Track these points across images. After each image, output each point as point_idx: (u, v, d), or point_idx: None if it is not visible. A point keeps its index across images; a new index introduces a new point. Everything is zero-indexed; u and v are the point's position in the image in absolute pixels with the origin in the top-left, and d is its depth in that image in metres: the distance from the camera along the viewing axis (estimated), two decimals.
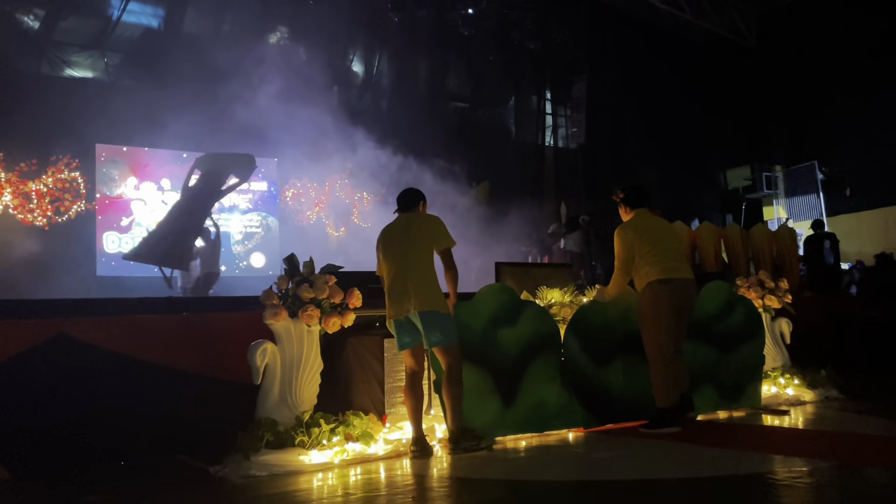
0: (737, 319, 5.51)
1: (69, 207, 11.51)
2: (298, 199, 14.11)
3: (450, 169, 13.19)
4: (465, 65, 16.74)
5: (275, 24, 14.12)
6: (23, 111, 10.42)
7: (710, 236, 7.80)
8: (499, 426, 4.50)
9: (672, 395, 4.62)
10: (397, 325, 4.19)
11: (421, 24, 15.32)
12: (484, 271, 6.42)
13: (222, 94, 11.16)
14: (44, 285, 10.23)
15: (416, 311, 4.08)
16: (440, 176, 13.20)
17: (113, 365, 4.24)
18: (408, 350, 4.20)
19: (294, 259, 4.32)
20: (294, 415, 4.03)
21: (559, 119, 18.33)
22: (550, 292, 5.20)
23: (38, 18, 12.09)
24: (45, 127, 10.84)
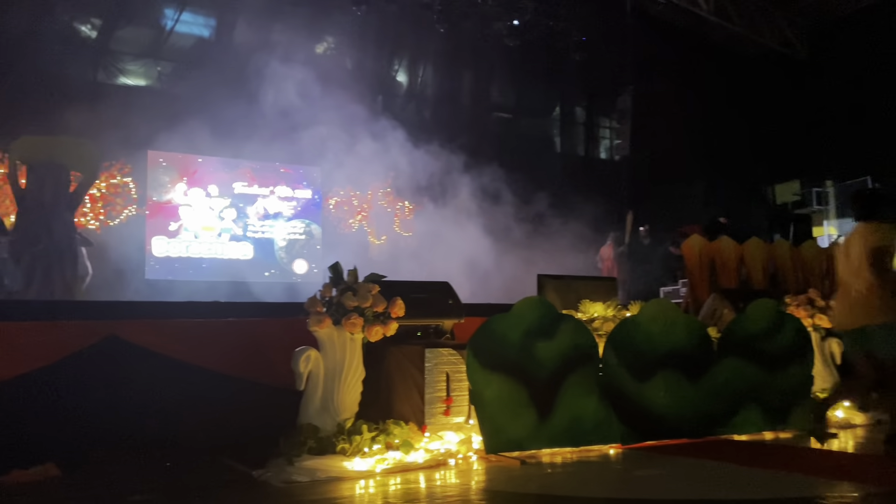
0: (785, 338, 5.39)
1: (120, 212, 11.84)
2: (341, 208, 14.27)
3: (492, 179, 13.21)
4: (509, 75, 16.75)
5: (322, 35, 14.34)
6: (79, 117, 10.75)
7: (758, 252, 7.64)
8: (534, 439, 4.47)
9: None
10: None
11: (466, 35, 15.39)
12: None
13: (269, 103, 11.38)
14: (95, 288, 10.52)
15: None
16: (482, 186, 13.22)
17: (161, 367, 4.35)
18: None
19: (338, 267, 4.37)
20: (336, 421, 4.08)
21: (603, 131, 18.20)
22: (593, 306, 5.16)
23: (95, 28, 12.49)
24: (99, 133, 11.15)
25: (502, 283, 11.71)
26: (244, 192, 13.26)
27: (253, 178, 13.37)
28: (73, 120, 10.57)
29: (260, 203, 13.41)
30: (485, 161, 13.31)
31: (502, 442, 4.35)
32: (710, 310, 6.16)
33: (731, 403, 5.04)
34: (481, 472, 4.05)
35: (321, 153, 12.67)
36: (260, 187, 13.43)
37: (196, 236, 12.68)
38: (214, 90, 11.70)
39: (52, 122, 10.23)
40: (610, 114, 17.89)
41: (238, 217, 13.13)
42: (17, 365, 4.04)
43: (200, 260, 12.57)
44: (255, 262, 13.18)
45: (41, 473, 3.80)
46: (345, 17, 14.01)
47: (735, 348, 5.15)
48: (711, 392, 4.98)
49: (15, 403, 4.00)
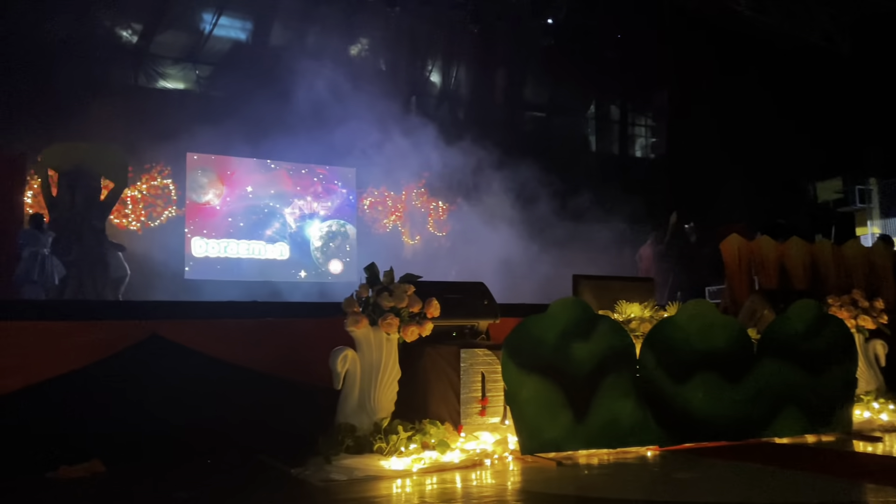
0: (827, 340, 5.28)
1: (161, 213, 12.09)
2: (375, 208, 14.36)
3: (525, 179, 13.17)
4: (543, 74, 16.68)
5: (356, 36, 14.46)
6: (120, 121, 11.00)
7: (799, 252, 7.49)
8: (570, 441, 4.45)
9: None
10: None
11: (499, 35, 15.37)
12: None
13: (305, 104, 11.51)
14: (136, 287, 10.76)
15: None
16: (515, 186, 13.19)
17: (202, 366, 4.44)
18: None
19: (374, 268, 4.41)
20: (372, 421, 4.11)
21: (638, 129, 18.01)
22: (629, 306, 5.12)
23: (136, 33, 12.77)
24: (140, 136, 11.40)
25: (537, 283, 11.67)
26: (280, 192, 13.43)
27: (289, 178, 13.54)
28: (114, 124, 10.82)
29: (296, 203, 13.56)
30: (518, 160, 13.28)
31: (538, 443, 4.34)
32: (749, 310, 6.06)
33: (771, 405, 4.96)
34: (517, 472, 4.05)
35: (355, 154, 12.79)
36: (296, 188, 13.59)
37: (233, 237, 12.88)
38: (251, 92, 11.89)
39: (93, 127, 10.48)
40: (645, 112, 17.71)
41: (274, 218, 13.30)
42: (63, 363, 4.15)
43: (238, 260, 12.77)
44: (291, 262, 13.34)
45: (87, 469, 3.90)
46: (378, 19, 14.11)
47: (776, 350, 5.05)
48: (751, 394, 4.90)
49: (61, 401, 4.11)
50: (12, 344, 4.11)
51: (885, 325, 5.85)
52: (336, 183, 14.10)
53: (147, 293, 10.71)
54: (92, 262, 9.39)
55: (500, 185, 13.28)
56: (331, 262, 13.79)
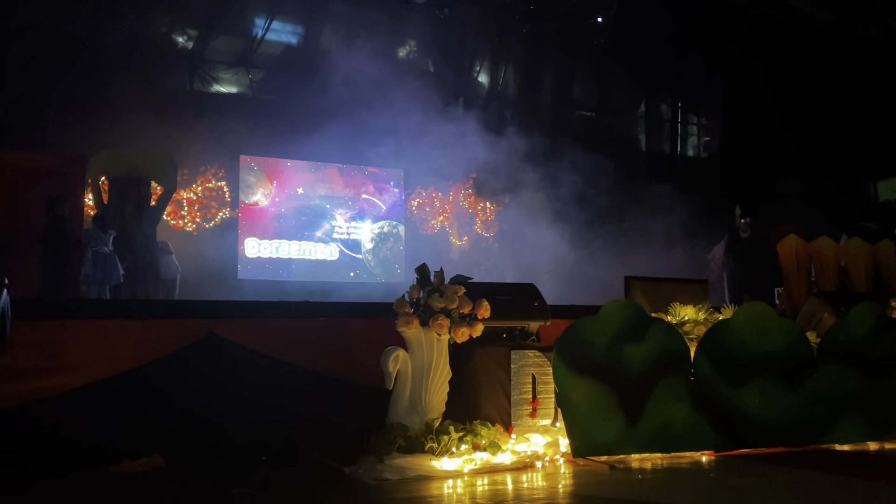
0: (890, 344, 5.10)
1: (215, 214, 12.38)
2: (423, 208, 14.43)
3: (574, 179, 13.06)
4: (592, 73, 16.52)
5: (405, 38, 14.56)
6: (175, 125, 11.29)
7: (860, 253, 7.26)
8: (622, 444, 4.40)
9: None
10: None
11: (548, 35, 15.28)
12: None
13: (354, 106, 11.65)
14: (192, 288, 11.05)
15: None
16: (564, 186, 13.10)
17: (257, 365, 4.54)
18: None
19: (425, 269, 4.44)
20: (424, 421, 4.14)
21: (691, 127, 17.68)
22: (683, 309, 5.04)
23: (191, 38, 13.10)
24: (195, 139, 11.69)
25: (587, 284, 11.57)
26: (331, 193, 13.61)
27: (339, 179, 13.71)
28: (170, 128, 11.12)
29: (346, 204, 13.72)
30: (567, 160, 13.18)
31: (590, 446, 4.30)
32: (808, 313, 5.91)
33: (831, 411, 4.82)
34: (569, 475, 4.03)
35: (404, 154, 12.87)
36: (346, 189, 13.75)
37: (285, 238, 13.10)
38: (302, 95, 12.10)
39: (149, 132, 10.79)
40: (698, 110, 17.38)
41: (325, 218, 13.48)
42: (126, 360, 4.30)
43: (290, 261, 12.98)
44: (342, 263, 13.51)
45: (148, 464, 4.02)
46: (427, 21, 14.17)
47: (836, 354, 4.92)
48: (810, 399, 4.77)
49: (123, 398, 4.25)
50: (77, 341, 4.27)
51: None
52: (387, 183, 14.22)
53: (203, 293, 10.99)
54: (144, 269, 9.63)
55: (548, 186, 13.21)
56: (381, 262, 13.91)
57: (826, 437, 4.82)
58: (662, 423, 4.48)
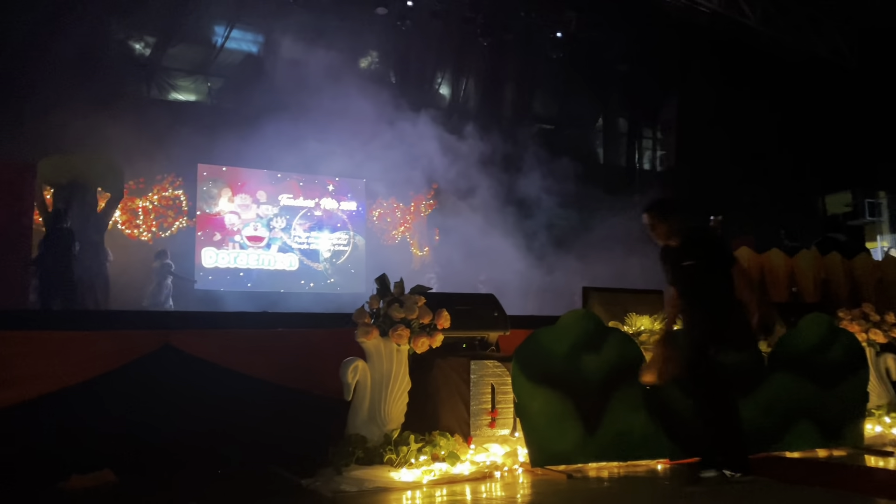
0: (838, 353, 5.26)
1: (172, 223, 12.17)
2: (384, 219, 14.40)
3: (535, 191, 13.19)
4: (552, 87, 16.74)
5: (367, 49, 14.56)
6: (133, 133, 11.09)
7: (810, 265, 7.48)
8: (580, 453, 4.44)
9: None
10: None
11: (509, 48, 15.45)
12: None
13: (315, 117, 11.60)
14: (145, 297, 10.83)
15: None
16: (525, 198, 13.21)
17: (213, 376, 4.46)
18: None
19: (385, 279, 4.43)
20: (382, 432, 4.12)
21: (646, 141, 18.03)
22: (639, 319, 5.12)
23: (149, 46, 12.90)
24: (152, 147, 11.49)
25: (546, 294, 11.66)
26: (290, 203, 13.50)
27: (299, 190, 13.61)
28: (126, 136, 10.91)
29: (305, 214, 13.62)
30: (528, 172, 13.31)
31: (548, 455, 4.33)
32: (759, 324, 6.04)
33: (782, 419, 4.94)
34: (527, 485, 4.05)
35: (365, 165, 12.84)
36: (306, 199, 13.66)
37: (243, 247, 12.95)
38: (262, 105, 11.97)
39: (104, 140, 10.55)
40: (654, 124, 17.73)
41: (284, 228, 13.36)
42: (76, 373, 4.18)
43: (248, 270, 12.82)
44: (301, 273, 13.39)
45: (98, 479, 3.91)
46: (389, 32, 14.20)
47: (786, 363, 5.05)
48: (762, 407, 4.89)
49: (74, 411, 4.13)
50: (24, 353, 4.13)
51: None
52: (346, 194, 14.17)
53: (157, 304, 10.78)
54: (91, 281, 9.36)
55: (509, 198, 13.31)
56: (341, 272, 13.82)
57: (778, 444, 4.93)
58: (619, 432, 4.54)
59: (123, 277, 10.68)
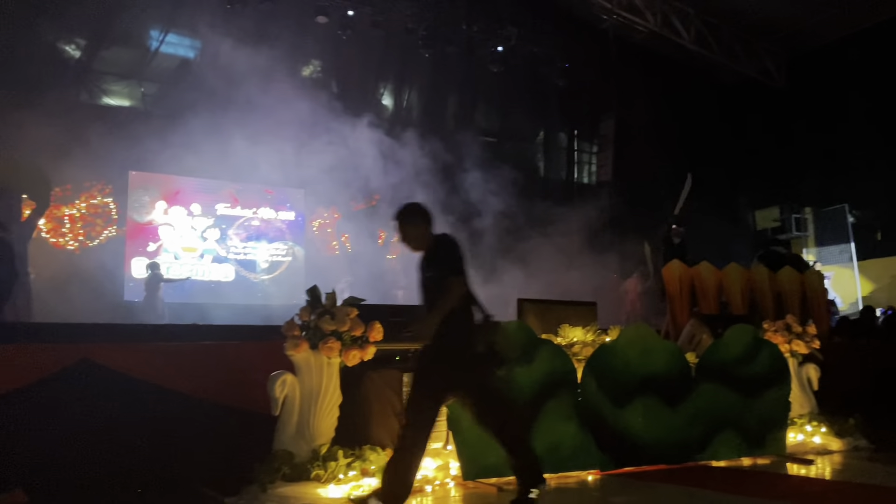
0: (762, 364, 5.41)
1: (100, 232, 11.75)
2: (325, 230, 14.24)
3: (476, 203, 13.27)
4: (494, 100, 16.90)
5: (307, 58, 14.41)
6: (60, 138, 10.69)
7: (737, 278, 7.70)
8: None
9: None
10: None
11: (451, 61, 15.53)
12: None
13: (254, 125, 11.39)
14: (72, 309, 10.39)
15: None
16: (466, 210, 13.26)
17: (135, 391, 4.29)
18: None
19: (317, 291, 4.35)
20: (311, 447, 4.03)
21: (586, 156, 18.36)
22: (572, 330, 5.17)
23: (79, 48, 12.47)
24: (80, 153, 11.10)
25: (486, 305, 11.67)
26: (227, 213, 13.22)
27: (236, 199, 13.34)
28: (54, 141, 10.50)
29: (242, 224, 13.36)
30: (469, 184, 13.38)
31: (480, 468, 4.32)
32: (688, 335, 6.19)
33: (708, 429, 5.05)
34: (458, 498, 4.02)
35: (305, 175, 12.68)
36: (243, 209, 13.40)
37: (176, 257, 12.61)
38: (198, 111, 11.68)
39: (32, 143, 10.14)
40: (592, 139, 18.08)
41: (220, 238, 13.07)
42: None
43: (181, 281, 12.46)
44: (237, 284, 13.10)
45: (8, 500, 3.72)
46: (331, 41, 14.10)
47: (713, 374, 5.16)
48: (689, 418, 4.98)
49: None
50: None
51: (817, 350, 6.02)
52: (285, 204, 13.96)
53: (83, 315, 10.35)
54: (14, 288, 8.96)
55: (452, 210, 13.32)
56: (278, 284, 13.58)
57: (704, 453, 5.03)
58: (551, 444, 4.55)
59: (48, 289, 10.26)
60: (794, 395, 5.75)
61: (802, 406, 5.92)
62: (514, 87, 16.47)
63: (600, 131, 17.23)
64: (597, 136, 17.64)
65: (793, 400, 5.66)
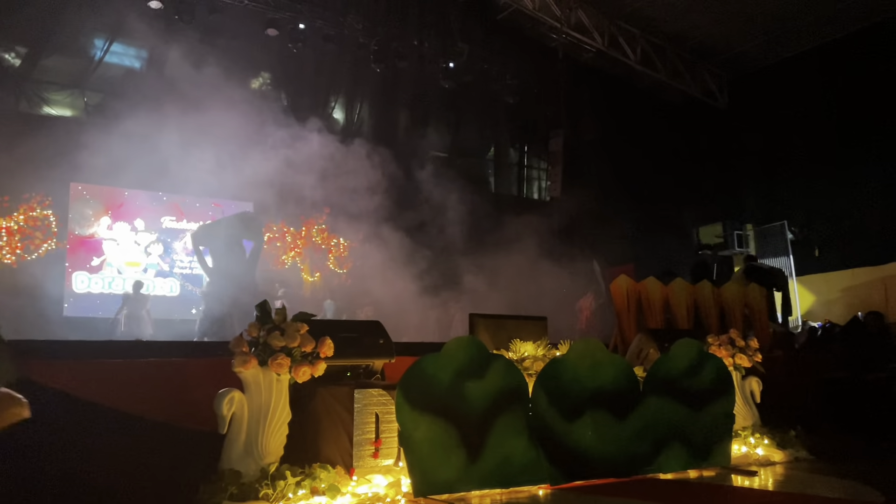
0: (707, 377, 5.53)
1: (39, 245, 11.38)
2: (274, 244, 14.07)
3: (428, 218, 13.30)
4: (445, 116, 17.02)
5: (257, 70, 14.29)
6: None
7: (683, 293, 7.87)
8: (463, 481, 4.42)
9: None
10: None
11: (402, 76, 15.59)
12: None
13: (201, 137, 11.21)
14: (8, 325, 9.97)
15: None
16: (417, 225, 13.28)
17: (75, 411, 4.14)
18: None
19: (266, 306, 4.29)
20: (259, 466, 3.94)
21: (536, 172, 18.61)
22: (523, 345, 5.20)
23: (18, 56, 12.12)
24: (19, 164, 10.76)
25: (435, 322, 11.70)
26: (172, 226, 12.95)
27: (182, 212, 13.09)
28: None
29: (188, 238, 13.10)
30: (421, 200, 13.42)
31: (431, 484, 4.29)
32: (636, 349, 6.29)
33: (656, 442, 5.12)
34: None
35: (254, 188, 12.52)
36: (189, 222, 13.14)
37: (120, 272, 12.29)
38: (144, 122, 11.45)
39: None
40: (542, 155, 18.34)
41: (165, 252, 12.79)
42: None
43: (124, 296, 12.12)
44: (182, 299, 12.82)
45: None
46: (280, 53, 14.02)
47: (659, 387, 5.25)
48: (637, 431, 5.05)
49: None
50: None
51: (760, 364, 6.19)
52: None
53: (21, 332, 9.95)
54: None
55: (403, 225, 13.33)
56: None
57: (652, 466, 5.10)
58: (502, 459, 4.55)
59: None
60: (738, 408, 5.89)
61: (746, 418, 6.07)
62: (465, 102, 16.63)
63: (549, 148, 17.51)
64: (546, 153, 17.91)
65: (737, 412, 5.79)
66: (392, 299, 12.24)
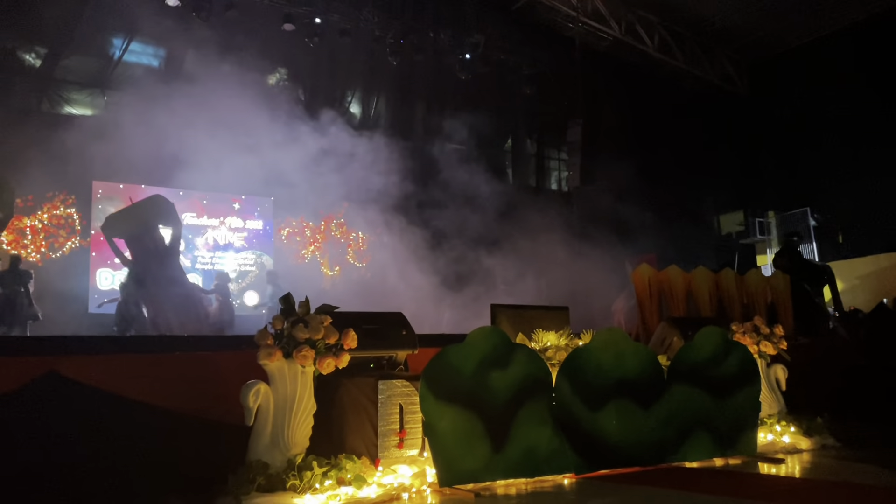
0: (731, 365, 5.49)
1: (63, 244, 11.53)
2: (293, 238, 14.15)
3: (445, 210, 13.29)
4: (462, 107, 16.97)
5: (275, 66, 14.34)
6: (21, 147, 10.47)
7: (705, 281, 7.82)
8: (488, 471, 4.43)
9: None
10: None
11: (418, 68, 15.58)
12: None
13: (220, 133, 11.28)
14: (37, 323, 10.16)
15: None
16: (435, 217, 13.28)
17: (104, 405, 4.19)
18: None
19: (290, 299, 4.31)
20: (286, 457, 3.98)
21: (553, 162, 18.53)
22: (546, 335, 5.19)
23: (39, 56, 12.26)
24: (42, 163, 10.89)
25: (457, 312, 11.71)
26: (193, 222, 13.06)
27: (202, 208, 13.19)
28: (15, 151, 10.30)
29: (210, 234, 13.21)
30: (439, 191, 13.41)
31: (456, 474, 4.31)
32: (659, 338, 6.26)
33: (681, 430, 5.10)
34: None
35: (273, 183, 12.59)
36: (209, 218, 13.25)
37: None
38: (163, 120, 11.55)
39: None
40: (560, 146, 18.25)
41: (186, 248, 12.89)
42: None
43: None
44: None
45: None
46: (298, 49, 14.05)
47: (684, 376, 5.22)
48: (662, 420, 5.03)
49: None
50: None
51: (785, 351, 6.13)
52: (253, 213, 13.84)
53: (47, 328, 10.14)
54: None
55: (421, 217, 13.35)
56: (246, 293, 13.44)
57: (677, 454, 5.08)
58: (526, 449, 4.56)
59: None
60: (764, 396, 5.85)
61: (771, 406, 6.02)
62: (482, 94, 16.58)
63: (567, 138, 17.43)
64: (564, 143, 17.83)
65: (762, 400, 5.74)
66: (412, 291, 12.27)
